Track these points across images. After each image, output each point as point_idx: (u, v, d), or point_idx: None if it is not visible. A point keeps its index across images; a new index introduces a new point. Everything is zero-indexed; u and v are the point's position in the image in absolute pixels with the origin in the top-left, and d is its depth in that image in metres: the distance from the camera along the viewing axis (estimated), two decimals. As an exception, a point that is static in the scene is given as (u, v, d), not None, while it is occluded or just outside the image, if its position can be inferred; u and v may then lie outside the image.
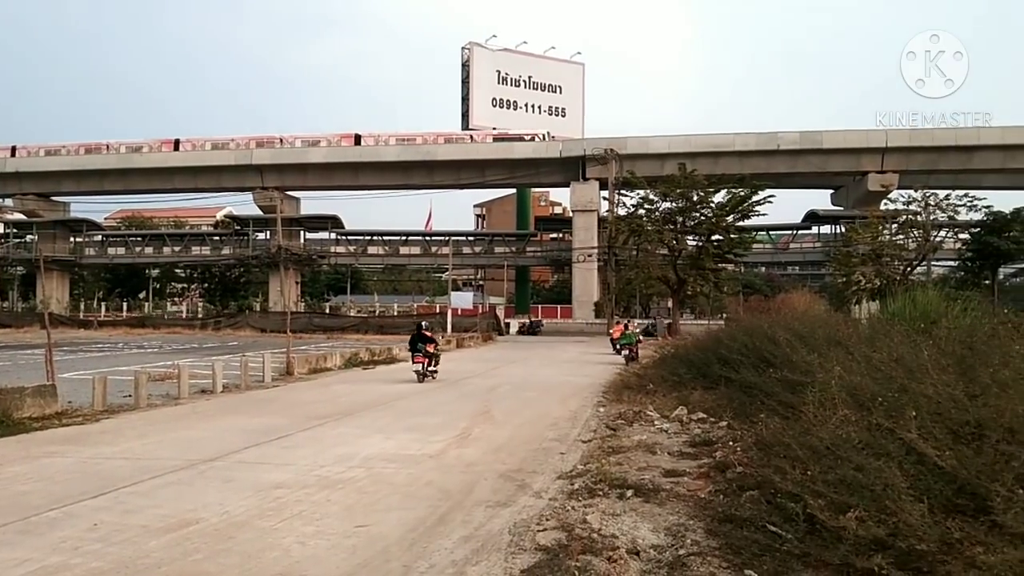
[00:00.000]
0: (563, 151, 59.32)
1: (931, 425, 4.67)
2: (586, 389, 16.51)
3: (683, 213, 41.45)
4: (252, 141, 63.80)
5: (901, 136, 55.71)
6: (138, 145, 65.12)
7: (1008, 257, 49.00)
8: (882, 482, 4.12)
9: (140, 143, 65.43)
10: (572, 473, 7.65)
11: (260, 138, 64.30)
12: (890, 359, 6.91)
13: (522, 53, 75.19)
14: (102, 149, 64.84)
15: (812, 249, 65.22)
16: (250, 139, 64.01)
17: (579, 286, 59.47)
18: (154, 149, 64.71)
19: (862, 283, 40.51)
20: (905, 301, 14.12)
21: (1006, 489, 3.77)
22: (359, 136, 63.81)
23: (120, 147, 64.98)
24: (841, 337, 9.91)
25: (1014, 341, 6.52)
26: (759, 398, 9.05)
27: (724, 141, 57.62)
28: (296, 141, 63.89)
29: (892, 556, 3.89)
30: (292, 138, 64.28)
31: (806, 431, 5.64)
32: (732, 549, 4.72)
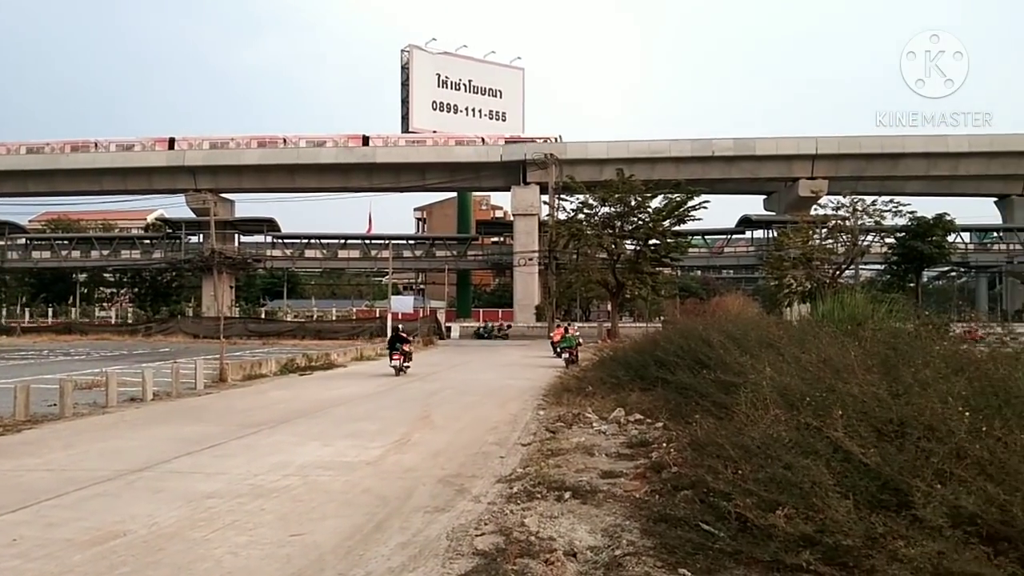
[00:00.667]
0: (504, 155, 59.53)
1: (857, 424, 4.82)
2: (527, 392, 16.56)
3: (622, 218, 41.98)
4: (156, 143, 62.34)
5: (830, 144, 57.63)
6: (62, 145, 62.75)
7: (931, 261, 51.07)
8: (810, 480, 4.23)
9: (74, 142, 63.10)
10: (511, 477, 7.65)
11: (163, 138, 62.90)
12: (819, 360, 7.11)
13: (462, 57, 75.22)
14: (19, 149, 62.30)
15: (746, 253, 66.89)
16: (154, 140, 62.57)
17: (520, 290, 59.73)
18: (80, 148, 62.41)
19: (793, 286, 41.73)
20: (834, 303, 14.58)
21: (926, 484, 3.91)
22: (278, 138, 62.93)
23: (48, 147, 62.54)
24: (772, 339, 10.15)
25: (935, 342, 6.78)
26: (694, 399, 9.22)
27: (661, 147, 58.70)
28: (204, 143, 62.64)
29: (820, 552, 4.00)
30: (199, 139, 62.96)
31: (738, 431, 5.76)
32: (666, 548, 4.78)
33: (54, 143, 62.93)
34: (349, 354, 28.34)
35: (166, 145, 62.43)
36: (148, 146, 62.66)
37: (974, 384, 5.11)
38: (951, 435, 4.20)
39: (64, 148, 62.21)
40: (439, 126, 69.87)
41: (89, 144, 62.78)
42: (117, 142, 63.23)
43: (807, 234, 43.31)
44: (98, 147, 62.41)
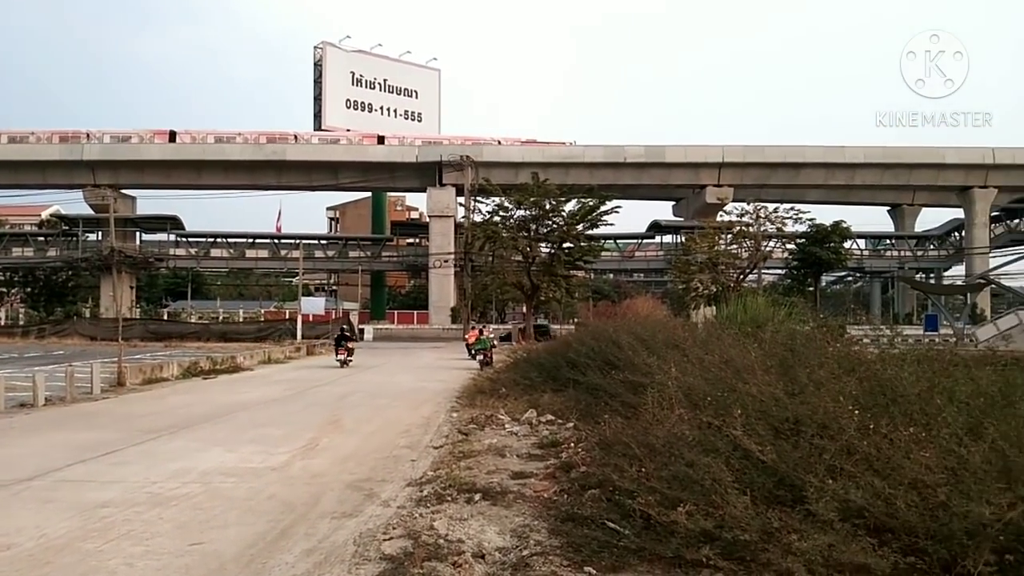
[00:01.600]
0: (419, 156, 59.16)
1: (755, 422, 4.99)
2: (440, 394, 16.48)
3: (536, 221, 42.38)
4: (55, 136, 59.29)
5: (736, 152, 59.74)
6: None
7: (828, 266, 53.54)
8: (711, 477, 4.35)
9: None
10: (422, 480, 7.60)
11: (64, 132, 59.82)
12: (721, 361, 7.34)
13: (377, 56, 74.39)
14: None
15: (655, 257, 68.61)
16: (52, 133, 59.52)
17: (436, 291, 59.44)
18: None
19: (700, 289, 43.02)
20: (737, 306, 15.10)
21: (818, 480, 4.08)
22: (174, 133, 60.69)
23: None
24: (678, 341, 10.42)
25: (829, 343, 7.10)
26: (604, 399, 9.38)
27: (575, 152, 59.61)
28: (104, 136, 59.84)
29: (719, 547, 4.12)
30: (100, 133, 60.12)
31: (644, 430, 5.88)
32: (573, 547, 4.84)
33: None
34: (256, 357, 27.56)
35: (63, 138, 59.24)
36: (44, 139, 59.32)
37: (864, 384, 5.37)
38: (842, 433, 4.41)
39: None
40: (353, 125, 68.84)
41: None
42: (9, 134, 59.63)
43: (713, 239, 44.81)
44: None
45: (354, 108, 71.91)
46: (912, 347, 6.60)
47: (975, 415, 4.44)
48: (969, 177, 60.09)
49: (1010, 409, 4.53)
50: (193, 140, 60.01)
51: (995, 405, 4.64)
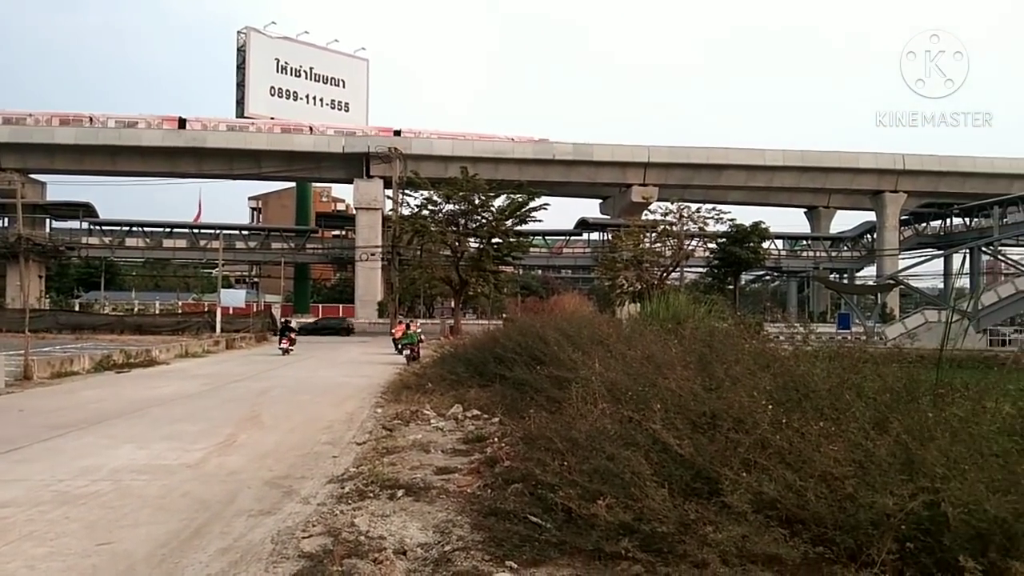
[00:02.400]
0: (346, 146, 58.24)
1: (674, 416, 5.09)
2: (365, 390, 16.27)
3: (465, 216, 42.29)
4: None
5: (661, 153, 60.92)
6: None
7: (748, 265, 55.23)
8: (630, 470, 4.42)
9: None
10: (343, 476, 7.48)
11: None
12: (643, 357, 7.48)
13: (303, 43, 72.85)
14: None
15: (583, 254, 69.41)
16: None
17: (362, 285, 58.69)
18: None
19: (625, 286, 43.79)
20: (659, 303, 15.40)
21: (733, 473, 4.19)
22: (91, 117, 58.20)
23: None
24: (603, 337, 10.57)
25: (745, 340, 7.31)
26: (530, 394, 9.42)
27: (504, 148, 59.73)
28: (28, 118, 56.92)
29: (638, 539, 4.19)
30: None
31: (568, 425, 5.94)
32: (495, 542, 4.85)
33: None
34: (173, 351, 26.66)
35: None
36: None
37: (778, 380, 5.55)
38: (756, 427, 4.54)
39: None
40: (278, 113, 67.27)
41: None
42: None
43: (638, 237, 45.63)
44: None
45: (279, 96, 70.27)
46: (824, 345, 6.86)
47: (881, 410, 4.63)
48: (881, 182, 62.86)
49: (914, 404, 4.74)
50: (104, 124, 57.52)
51: (900, 400, 4.85)
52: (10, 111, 57.90)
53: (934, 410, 4.43)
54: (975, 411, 4.48)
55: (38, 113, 57.99)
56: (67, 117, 57.75)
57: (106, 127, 57.55)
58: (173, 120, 58.85)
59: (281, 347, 28.56)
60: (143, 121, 58.35)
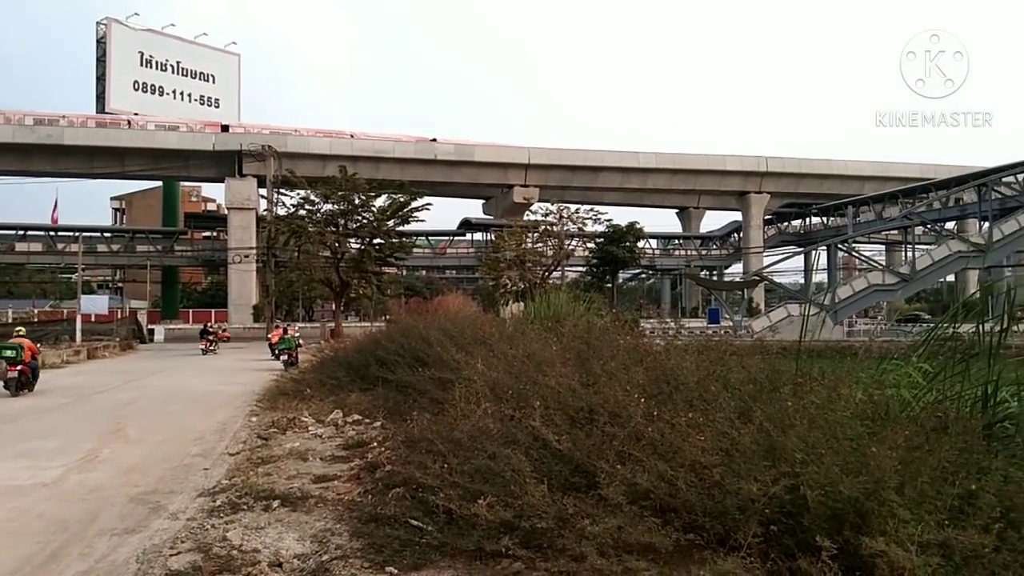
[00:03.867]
0: (217, 144, 55.84)
1: (553, 413, 5.16)
2: (239, 398, 15.66)
3: (345, 216, 41.37)
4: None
5: (541, 154, 61.90)
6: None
7: (624, 264, 56.94)
8: (511, 468, 4.44)
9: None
10: (215, 489, 7.15)
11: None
12: (524, 355, 7.55)
13: (170, 36, 69.32)
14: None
15: (467, 254, 69.60)
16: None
17: (236, 289, 56.44)
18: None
19: (508, 286, 44.20)
20: (541, 302, 15.61)
21: (609, 465, 4.28)
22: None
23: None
24: (486, 336, 10.60)
25: (620, 336, 7.51)
26: (413, 396, 9.33)
27: (385, 147, 58.98)
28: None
29: (518, 536, 4.21)
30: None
31: (451, 426, 5.91)
32: (375, 548, 4.76)
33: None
34: (27, 362, 24.69)
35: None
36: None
37: (651, 373, 5.73)
38: (630, 420, 4.66)
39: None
40: (143, 108, 63.71)
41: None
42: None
43: (521, 238, 46.20)
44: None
45: (144, 91, 66.58)
46: (693, 338, 7.14)
47: (745, 400, 4.85)
48: (746, 183, 66.31)
49: (775, 394, 4.99)
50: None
51: (763, 390, 5.10)
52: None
53: (794, 399, 4.68)
54: (831, 398, 4.77)
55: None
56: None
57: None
58: (25, 115, 54.58)
59: (201, 348, 33.36)
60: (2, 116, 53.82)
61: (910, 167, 67.47)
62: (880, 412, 4.77)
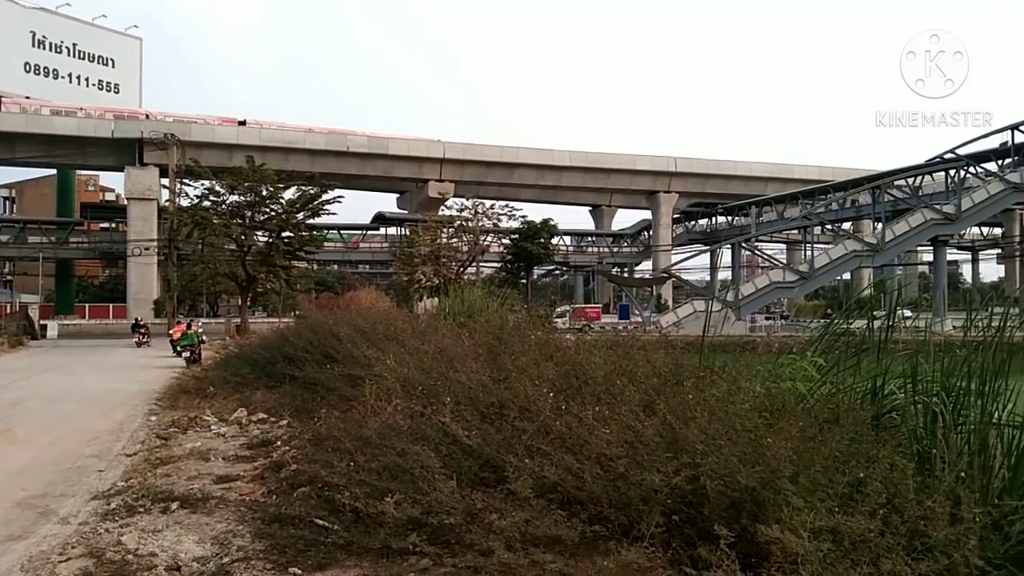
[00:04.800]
0: (116, 131, 53.40)
1: (464, 408, 5.16)
2: (137, 396, 15.02)
3: (252, 208, 40.18)
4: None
5: (456, 149, 61.81)
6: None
7: (538, 260, 57.57)
8: (419, 464, 4.41)
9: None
10: (110, 492, 6.83)
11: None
12: (436, 351, 7.51)
13: (64, 16, 65.74)
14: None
15: (380, 249, 68.89)
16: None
17: (136, 283, 54.16)
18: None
19: (423, 281, 43.91)
20: (455, 298, 15.58)
21: (518, 460, 4.30)
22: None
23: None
24: (398, 332, 10.49)
25: (531, 332, 7.57)
26: (321, 394, 9.17)
27: (295, 138, 57.69)
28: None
29: (426, 533, 4.19)
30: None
31: (359, 423, 5.82)
32: (278, 549, 4.64)
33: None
34: (-99, 360, 23.07)
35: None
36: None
37: (560, 368, 5.79)
38: (539, 414, 4.70)
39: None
40: (34, 92, 60.23)
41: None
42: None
43: (436, 233, 46.00)
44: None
45: (36, 73, 63.00)
46: (602, 334, 7.26)
47: (650, 393, 4.97)
48: (656, 183, 67.99)
49: (679, 387, 5.12)
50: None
51: (667, 383, 5.23)
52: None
53: (696, 392, 4.82)
54: (731, 391, 4.93)
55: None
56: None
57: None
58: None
59: (135, 341, 35.41)
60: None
61: (809, 169, 70.67)
62: (777, 405, 4.96)
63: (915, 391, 4.97)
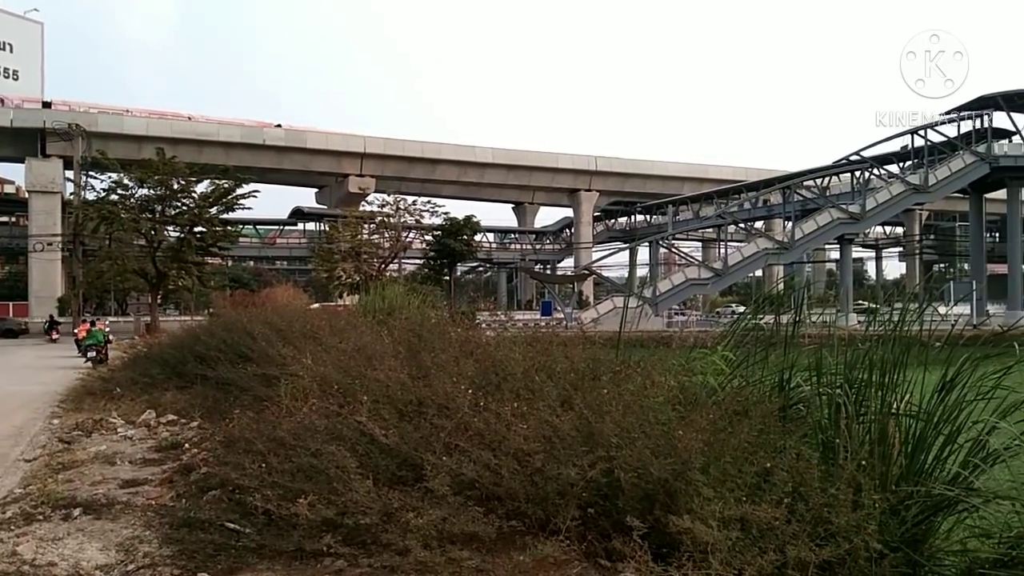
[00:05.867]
0: (15, 120, 50.62)
1: (382, 407, 5.10)
2: (39, 399, 14.28)
3: (163, 202, 38.70)
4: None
5: (377, 144, 61.04)
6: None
7: (461, 256, 57.48)
8: (334, 465, 4.34)
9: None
10: (6, 499, 6.47)
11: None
12: (354, 349, 7.40)
13: (-45, -4, 61.82)
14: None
15: (298, 245, 67.45)
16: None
17: (38, 279, 51.47)
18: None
19: (343, 278, 43.21)
20: (375, 295, 15.39)
21: (435, 457, 4.29)
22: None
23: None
24: (316, 330, 10.30)
25: (451, 329, 7.55)
26: (235, 394, 8.91)
27: (209, 130, 55.93)
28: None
29: (341, 534, 4.13)
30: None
31: (274, 424, 5.68)
32: (187, 554, 4.49)
33: None
34: None
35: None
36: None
37: (480, 365, 5.79)
38: (458, 411, 4.69)
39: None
40: (-78, 76, 56.51)
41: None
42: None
43: (356, 228, 45.35)
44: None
45: (-77, 56, 59.09)
46: (522, 330, 7.31)
47: (568, 389, 5.02)
48: (577, 181, 68.80)
49: (595, 382, 5.20)
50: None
51: (584, 379, 5.30)
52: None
53: (612, 386, 4.90)
54: (645, 385, 5.04)
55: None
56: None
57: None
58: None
59: (46, 338, 36.84)
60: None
61: (724, 169, 72.80)
62: (689, 398, 5.09)
63: (820, 383, 5.17)
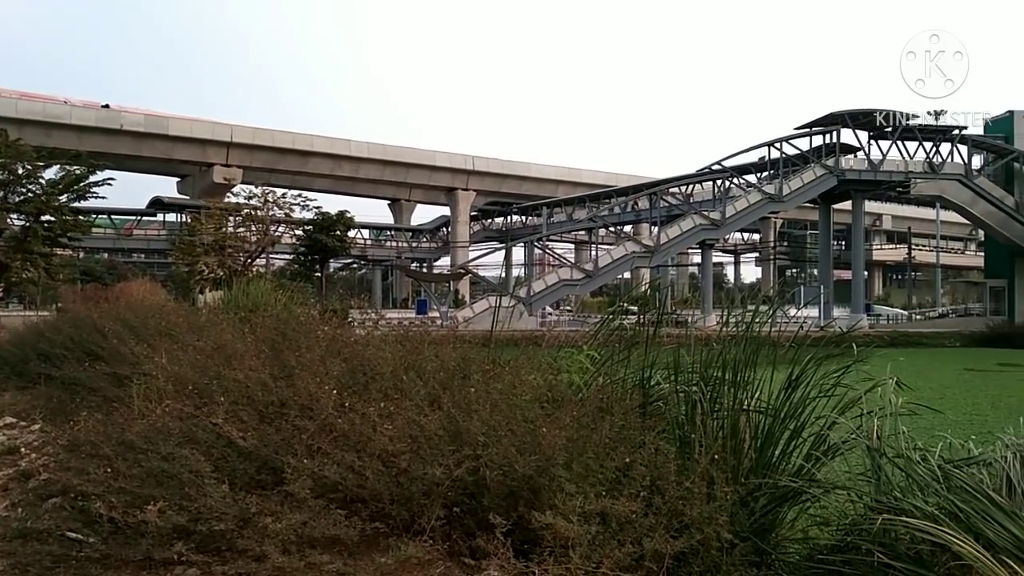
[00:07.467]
0: None
1: (241, 408, 4.90)
2: None
3: (5, 188, 35.66)
4: None
5: (245, 133, 58.82)
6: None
7: (334, 253, 56.18)
8: (188, 469, 4.14)
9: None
10: None
11: None
12: (214, 347, 7.09)
13: None
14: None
15: (157, 237, 63.98)
16: None
17: None
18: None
19: (206, 272, 41.28)
20: (239, 291, 14.82)
21: (297, 460, 4.17)
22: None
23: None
24: (172, 327, 9.82)
25: (318, 327, 7.37)
26: (82, 395, 8.40)
27: (60, 112, 52.17)
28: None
29: (195, 541, 3.94)
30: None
31: (123, 427, 5.36)
32: (20, 567, 4.15)
33: None
34: None
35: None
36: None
37: (347, 364, 5.68)
38: (321, 412, 4.58)
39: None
40: None
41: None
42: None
43: (221, 221, 43.46)
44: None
45: None
46: (394, 329, 7.24)
47: (436, 388, 5.02)
48: (455, 180, 68.92)
49: (465, 381, 5.22)
50: None
51: (453, 377, 5.31)
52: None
53: (481, 385, 4.93)
54: (514, 384, 5.10)
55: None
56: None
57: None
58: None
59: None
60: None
61: (596, 174, 74.98)
62: (556, 396, 5.20)
63: (678, 381, 5.41)
